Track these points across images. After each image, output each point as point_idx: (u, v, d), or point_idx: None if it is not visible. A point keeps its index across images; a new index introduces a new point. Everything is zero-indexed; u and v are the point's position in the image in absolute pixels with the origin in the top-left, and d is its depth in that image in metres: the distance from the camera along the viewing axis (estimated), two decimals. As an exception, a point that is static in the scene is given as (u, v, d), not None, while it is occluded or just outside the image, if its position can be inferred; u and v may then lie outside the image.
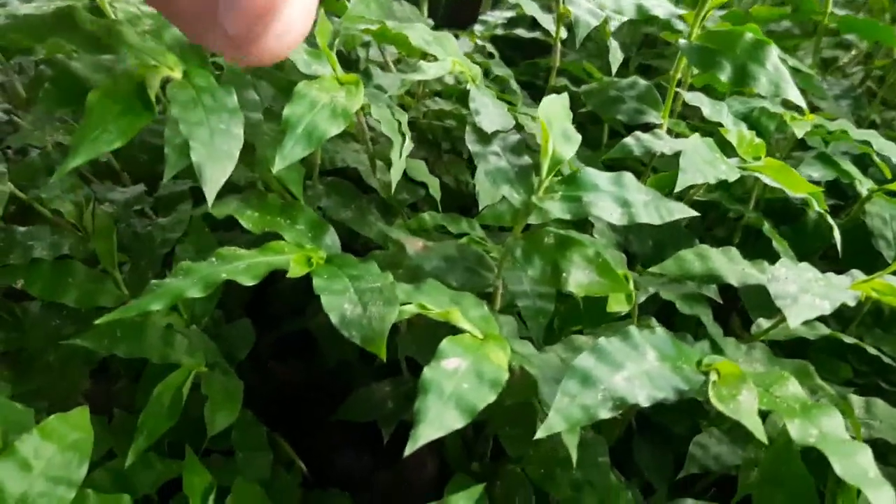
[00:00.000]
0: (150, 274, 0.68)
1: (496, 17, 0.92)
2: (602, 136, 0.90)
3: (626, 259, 0.63)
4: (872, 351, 0.63)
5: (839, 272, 0.59)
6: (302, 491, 0.69)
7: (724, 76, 0.58)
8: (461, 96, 0.79)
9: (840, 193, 0.81)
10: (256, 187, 0.70)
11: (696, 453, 0.60)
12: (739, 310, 0.75)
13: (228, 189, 0.51)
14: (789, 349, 0.69)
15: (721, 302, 0.64)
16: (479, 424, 0.52)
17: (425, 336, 0.60)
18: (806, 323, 0.50)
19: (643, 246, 0.69)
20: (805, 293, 0.49)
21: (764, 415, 0.50)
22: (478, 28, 0.92)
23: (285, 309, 0.88)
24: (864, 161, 0.77)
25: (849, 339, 0.62)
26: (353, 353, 0.76)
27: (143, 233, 0.72)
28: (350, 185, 0.70)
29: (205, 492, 0.55)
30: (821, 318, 0.52)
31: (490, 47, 0.86)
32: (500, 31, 0.90)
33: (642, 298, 0.62)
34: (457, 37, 0.94)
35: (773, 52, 0.59)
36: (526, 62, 0.94)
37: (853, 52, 1.03)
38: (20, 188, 0.68)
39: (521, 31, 0.90)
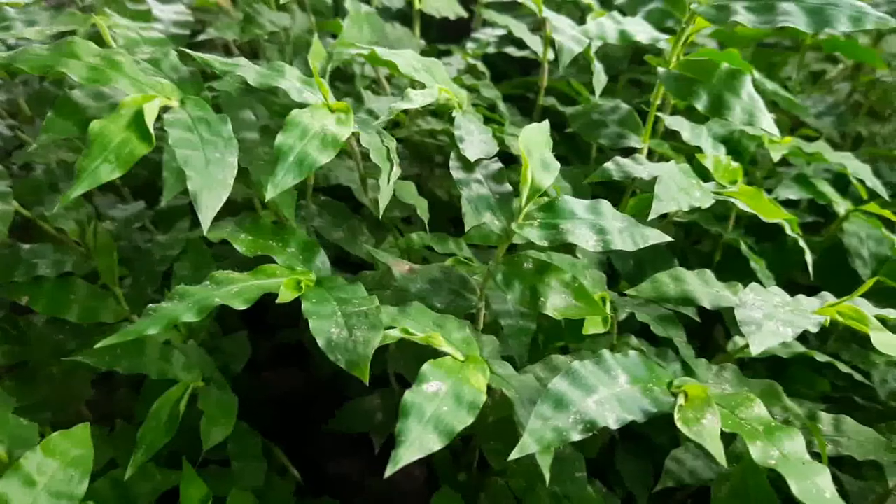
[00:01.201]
0: (149, 289, 0.71)
1: (487, 34, 0.94)
2: (591, 150, 0.92)
3: (605, 279, 0.65)
4: (844, 369, 0.65)
5: (819, 289, 0.61)
6: (295, 499, 0.71)
7: (701, 105, 0.60)
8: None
9: (821, 210, 0.83)
10: (252, 205, 0.73)
11: (672, 467, 0.63)
12: (724, 321, 0.77)
13: (224, 205, 0.52)
14: (768, 363, 0.71)
15: (699, 321, 0.66)
16: (466, 436, 0.54)
17: (412, 353, 0.63)
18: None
19: (624, 264, 0.71)
20: (770, 320, 0.51)
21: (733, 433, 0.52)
22: (470, 45, 0.94)
23: (281, 317, 0.90)
24: (843, 180, 0.79)
25: (821, 358, 0.64)
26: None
27: (143, 248, 0.74)
28: (342, 206, 0.72)
29: (201, 503, 0.58)
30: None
31: (481, 66, 0.88)
32: (491, 50, 0.92)
33: (623, 316, 0.64)
34: (450, 52, 0.97)
35: (748, 82, 0.60)
36: (517, 78, 0.95)
37: (841, 66, 1.05)
38: (24, 205, 0.70)
39: (511, 50, 0.92)
